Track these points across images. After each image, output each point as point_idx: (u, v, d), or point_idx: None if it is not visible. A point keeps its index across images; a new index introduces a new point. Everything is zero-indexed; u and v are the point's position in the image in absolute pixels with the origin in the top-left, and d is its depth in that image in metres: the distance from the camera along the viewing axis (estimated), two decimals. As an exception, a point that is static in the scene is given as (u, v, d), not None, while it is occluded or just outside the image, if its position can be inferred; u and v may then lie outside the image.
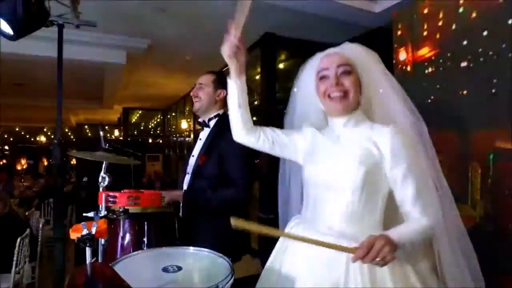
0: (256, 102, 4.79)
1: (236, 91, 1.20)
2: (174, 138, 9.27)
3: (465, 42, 1.82)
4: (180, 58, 4.90)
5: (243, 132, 1.25)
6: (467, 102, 1.83)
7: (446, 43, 1.96)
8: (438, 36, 2.01)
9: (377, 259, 0.91)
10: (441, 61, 1.99)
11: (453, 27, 1.90)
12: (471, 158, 1.78)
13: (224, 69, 5.43)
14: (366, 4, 3.38)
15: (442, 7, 1.99)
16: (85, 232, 0.73)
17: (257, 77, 4.59)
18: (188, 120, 7.99)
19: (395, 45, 2.32)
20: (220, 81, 1.93)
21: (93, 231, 0.75)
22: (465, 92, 1.83)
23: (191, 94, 1.95)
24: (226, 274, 0.99)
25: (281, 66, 4.70)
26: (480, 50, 1.75)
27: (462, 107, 1.85)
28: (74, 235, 0.76)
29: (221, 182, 1.72)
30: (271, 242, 1.28)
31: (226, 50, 1.12)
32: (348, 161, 1.08)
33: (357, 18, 3.53)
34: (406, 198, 1.05)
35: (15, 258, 2.70)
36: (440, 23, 1.99)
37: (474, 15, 1.80)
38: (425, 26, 2.09)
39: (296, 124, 1.31)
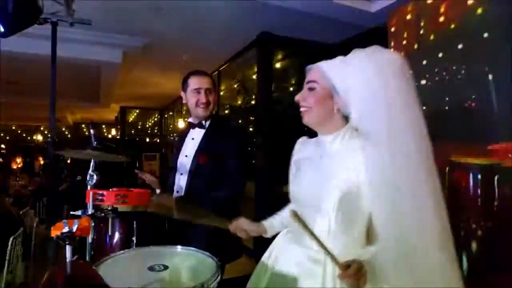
0: (252, 102, 4.78)
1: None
2: (171, 137, 9.25)
3: (424, 62, 2.04)
4: (177, 57, 4.87)
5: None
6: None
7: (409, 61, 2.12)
8: (402, 54, 2.13)
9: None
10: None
11: (415, 47, 2.11)
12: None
13: (221, 68, 5.39)
14: (362, 4, 3.37)
15: (406, 28, 2.17)
16: (65, 229, 0.72)
17: (254, 76, 4.58)
18: (185, 119, 7.99)
19: (391, 45, 2.32)
20: (214, 83, 1.94)
21: (74, 228, 0.74)
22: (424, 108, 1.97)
23: (202, 101, 1.81)
24: (212, 273, 0.99)
25: (277, 65, 4.69)
26: (436, 70, 1.95)
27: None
28: (54, 233, 0.75)
29: (219, 180, 1.72)
30: (266, 242, 1.29)
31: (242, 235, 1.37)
32: (325, 181, 1.05)
33: (353, 17, 3.53)
34: (375, 217, 0.99)
35: (7, 257, 2.68)
36: (404, 42, 2.18)
37: (432, 37, 1.98)
38: (392, 44, 2.24)
39: None
